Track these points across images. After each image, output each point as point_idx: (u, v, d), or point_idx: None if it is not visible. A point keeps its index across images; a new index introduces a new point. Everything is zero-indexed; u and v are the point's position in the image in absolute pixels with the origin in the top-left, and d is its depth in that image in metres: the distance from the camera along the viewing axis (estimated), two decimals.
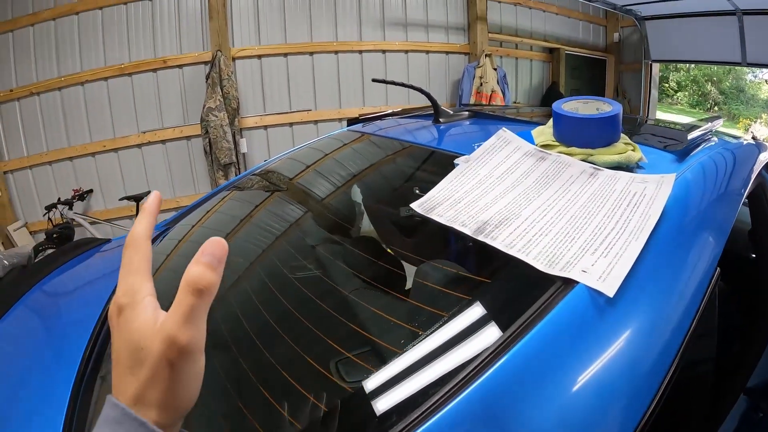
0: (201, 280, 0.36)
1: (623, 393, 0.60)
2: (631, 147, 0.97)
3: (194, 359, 0.37)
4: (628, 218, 0.76)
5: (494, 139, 1.00)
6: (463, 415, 0.55)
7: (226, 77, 3.86)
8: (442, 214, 0.82)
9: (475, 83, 4.86)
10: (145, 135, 3.90)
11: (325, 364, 0.75)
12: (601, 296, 0.64)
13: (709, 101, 14.16)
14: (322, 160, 1.51)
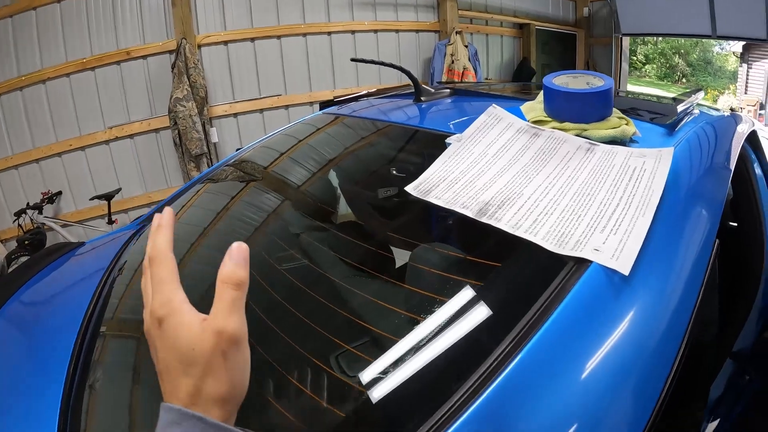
0: (235, 275, 0.41)
1: (645, 370, 0.59)
2: (624, 121, 0.95)
3: (242, 347, 0.41)
4: (632, 193, 0.74)
5: (485, 117, 0.97)
6: (487, 412, 0.52)
7: (192, 66, 3.73)
8: (439, 196, 0.78)
9: (446, 61, 4.85)
10: (112, 130, 3.74)
11: (328, 358, 0.70)
12: (616, 275, 0.62)
13: (676, 73, 14.53)
14: (299, 146, 1.45)
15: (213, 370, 0.39)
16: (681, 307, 0.66)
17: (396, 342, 0.66)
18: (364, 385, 0.63)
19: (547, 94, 0.96)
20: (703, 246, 0.77)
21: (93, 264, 1.24)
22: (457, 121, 1.15)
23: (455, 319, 0.65)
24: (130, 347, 0.93)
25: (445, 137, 0.98)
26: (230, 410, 0.40)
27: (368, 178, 1.26)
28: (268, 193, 1.32)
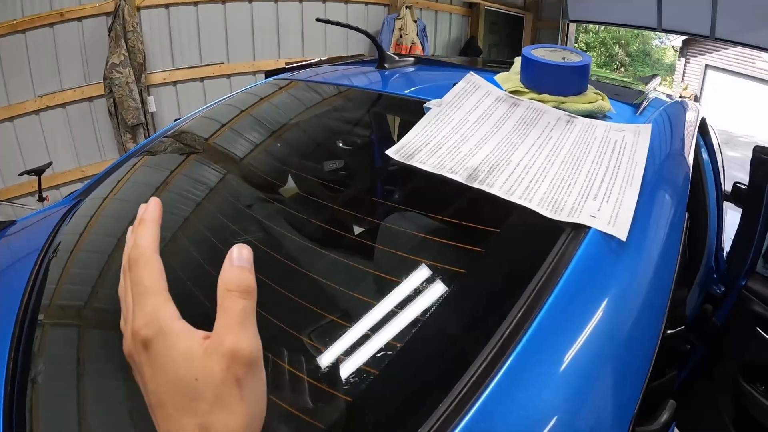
0: (243, 281, 0.33)
1: (642, 333, 0.61)
2: (600, 96, 0.95)
3: (259, 369, 0.33)
4: (617, 165, 0.75)
5: (463, 83, 0.94)
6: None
7: (130, 29, 3.46)
8: (423, 160, 0.75)
9: (394, 35, 4.82)
10: (42, 99, 3.38)
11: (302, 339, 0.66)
12: (613, 240, 0.62)
13: (615, 62, 15.24)
14: (255, 112, 1.36)
15: (225, 402, 0.31)
16: (666, 274, 0.68)
17: (397, 314, 0.62)
18: (358, 370, 0.59)
19: (527, 65, 0.95)
20: (679, 217, 0.79)
21: (26, 245, 1.13)
22: (426, 87, 1.12)
23: (462, 286, 0.63)
24: (76, 336, 0.84)
25: (417, 103, 0.95)
26: None
27: (335, 146, 1.20)
28: (220, 166, 1.22)
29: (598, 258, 0.61)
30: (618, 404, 0.56)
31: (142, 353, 0.33)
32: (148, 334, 0.32)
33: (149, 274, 0.35)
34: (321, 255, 0.83)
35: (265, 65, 4.09)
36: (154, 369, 0.32)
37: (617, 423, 0.56)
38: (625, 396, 0.57)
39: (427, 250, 0.73)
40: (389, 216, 0.83)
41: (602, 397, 0.54)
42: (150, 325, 0.32)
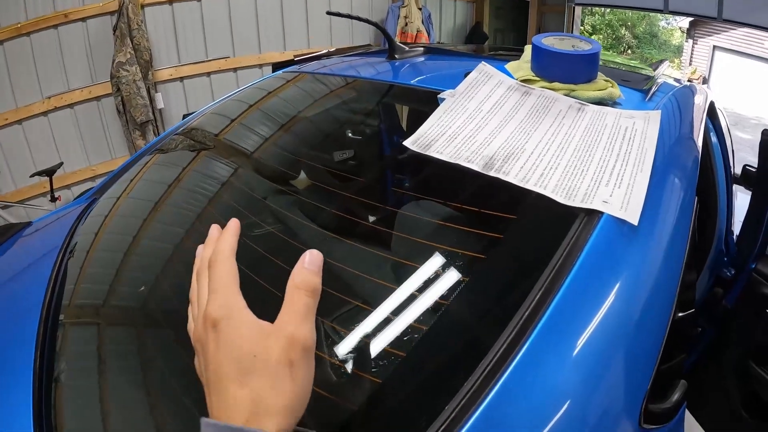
0: (311, 282, 0.40)
1: (654, 315, 0.63)
2: (610, 84, 0.97)
3: (311, 357, 0.38)
4: (627, 151, 0.76)
5: (476, 73, 0.96)
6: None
7: (135, 27, 3.48)
8: (441, 150, 0.77)
9: (399, 23, 4.81)
10: (50, 100, 3.41)
11: None
12: (626, 224, 0.64)
13: (622, 44, 15.08)
14: (267, 106, 1.38)
15: (278, 380, 0.35)
16: (677, 258, 0.70)
17: (420, 299, 0.65)
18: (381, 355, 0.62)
19: (538, 54, 0.96)
20: (689, 201, 0.81)
21: (44, 245, 1.15)
22: (439, 76, 1.14)
23: (481, 272, 0.66)
24: (97, 335, 0.86)
25: (431, 93, 0.97)
26: (292, 422, 0.36)
27: (350, 137, 1.22)
28: (242, 163, 1.24)
29: (611, 242, 0.63)
30: (631, 383, 0.58)
31: (210, 333, 0.38)
32: (220, 315, 0.38)
33: (227, 272, 0.41)
34: (343, 244, 0.85)
35: (270, 58, 4.09)
36: (219, 346, 0.37)
37: (631, 401, 0.58)
38: (638, 375, 0.59)
39: (448, 237, 0.75)
40: (408, 205, 0.86)
41: (616, 376, 0.57)
42: (222, 308, 0.38)
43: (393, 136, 1.20)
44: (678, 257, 0.71)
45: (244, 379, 0.35)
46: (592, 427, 0.53)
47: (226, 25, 4.00)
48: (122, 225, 1.12)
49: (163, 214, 1.10)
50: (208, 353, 0.38)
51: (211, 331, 0.37)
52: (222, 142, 1.27)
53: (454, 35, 5.86)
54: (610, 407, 0.56)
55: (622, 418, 0.57)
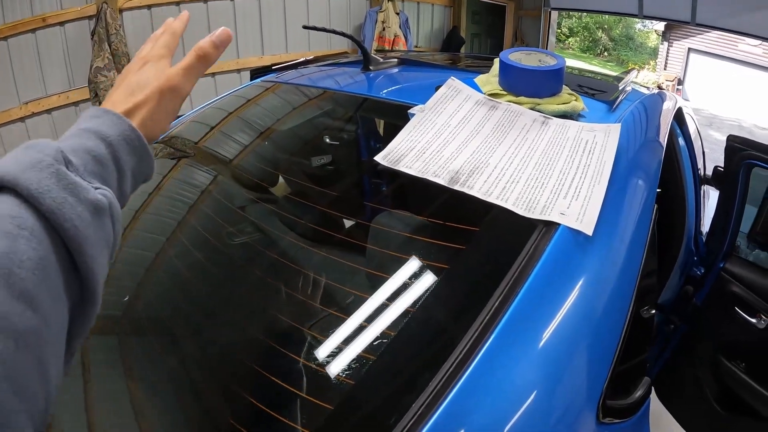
0: (206, 48, 0.51)
1: (609, 317, 0.67)
2: (574, 97, 1.01)
3: (176, 99, 0.49)
4: (587, 164, 0.80)
5: (445, 89, 0.99)
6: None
7: (113, 32, 3.47)
8: (410, 165, 0.80)
9: (377, 28, 4.86)
10: (27, 106, 3.39)
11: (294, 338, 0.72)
12: (581, 235, 0.68)
13: (599, 47, 15.27)
14: (243, 116, 1.40)
15: (148, 101, 0.47)
16: (632, 263, 0.74)
17: (387, 305, 0.69)
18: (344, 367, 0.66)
19: (505, 69, 1.00)
20: (646, 210, 0.85)
21: None
22: (410, 89, 1.17)
23: (446, 279, 0.70)
24: (88, 342, 0.88)
25: (402, 107, 1.00)
26: (149, 134, 0.47)
27: (323, 149, 1.25)
28: (215, 169, 1.26)
29: (567, 252, 0.67)
30: (588, 380, 0.62)
31: (139, 64, 0.50)
32: (153, 55, 0.51)
33: (172, 39, 0.53)
34: (313, 253, 0.89)
35: (248, 63, 4.11)
36: (138, 72, 0.49)
37: (588, 398, 0.62)
38: (594, 373, 0.63)
39: (413, 248, 0.79)
40: (378, 216, 0.89)
41: (573, 375, 0.61)
42: (158, 53, 0.51)
43: (365, 148, 1.23)
44: (634, 262, 0.75)
45: (131, 94, 0.47)
46: (551, 422, 0.57)
47: (204, 31, 3.90)
48: None
49: (143, 222, 1.12)
50: (129, 72, 0.50)
51: (141, 64, 0.50)
52: (202, 150, 1.29)
53: (432, 39, 5.92)
54: (567, 404, 0.60)
55: (580, 414, 0.61)
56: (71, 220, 0.34)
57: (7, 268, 0.30)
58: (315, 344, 0.71)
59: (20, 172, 0.34)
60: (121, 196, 0.43)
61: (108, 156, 0.41)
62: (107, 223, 0.38)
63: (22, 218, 0.33)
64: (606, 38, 15.30)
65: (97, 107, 0.45)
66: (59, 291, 0.34)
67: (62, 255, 0.34)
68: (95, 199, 0.37)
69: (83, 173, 0.38)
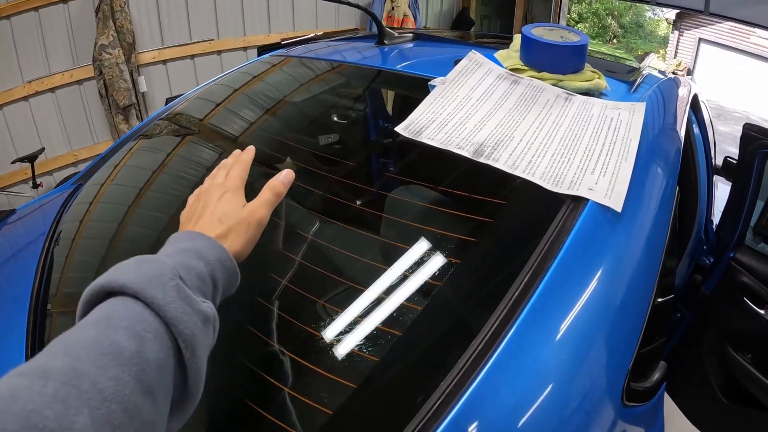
0: (279, 187, 0.59)
1: (635, 298, 0.65)
2: (597, 75, 0.98)
3: (259, 231, 0.56)
4: (612, 141, 0.78)
5: (466, 61, 0.97)
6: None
7: (118, 9, 3.40)
8: (432, 137, 0.78)
9: (386, 7, 4.78)
10: (31, 85, 3.31)
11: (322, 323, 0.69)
12: (610, 211, 0.66)
13: (608, 34, 15.14)
14: (255, 90, 1.36)
15: (240, 229, 0.53)
16: (657, 243, 0.72)
17: (414, 281, 0.67)
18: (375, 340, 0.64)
19: (527, 44, 0.97)
20: (670, 190, 0.83)
21: (30, 233, 1.13)
22: (429, 63, 1.14)
23: (472, 254, 0.68)
24: None
25: (421, 80, 0.98)
26: (233, 260, 0.51)
27: (341, 124, 1.22)
28: (224, 145, 1.23)
29: (596, 228, 0.65)
30: (614, 362, 0.61)
31: (218, 190, 0.57)
32: (230, 185, 0.57)
33: (244, 171, 0.61)
34: (333, 227, 0.86)
35: (255, 41, 4.04)
36: (220, 199, 0.56)
37: (614, 379, 0.60)
38: (621, 355, 0.61)
39: (438, 221, 0.76)
40: (398, 189, 0.87)
41: (600, 356, 0.59)
42: (233, 182, 0.58)
43: (384, 121, 1.20)
44: (659, 244, 0.73)
45: (221, 220, 0.53)
46: (578, 403, 0.55)
47: (210, 7, 3.93)
48: (108, 211, 1.11)
49: (149, 200, 1.09)
50: (209, 199, 0.56)
51: (220, 190, 0.57)
52: (207, 126, 1.26)
53: (441, 20, 5.82)
54: (594, 385, 0.58)
55: (606, 396, 0.60)
56: (190, 328, 0.41)
57: (139, 365, 0.36)
58: (336, 319, 0.68)
59: (144, 283, 0.41)
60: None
61: (207, 274, 0.47)
62: (211, 330, 0.45)
63: (148, 323, 0.39)
64: (616, 25, 15.14)
65: (191, 231, 0.52)
66: (169, 387, 0.39)
67: (176, 356, 0.40)
68: (205, 311, 0.43)
69: (191, 287, 0.44)
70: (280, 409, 0.61)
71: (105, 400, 0.32)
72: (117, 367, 0.35)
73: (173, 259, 0.46)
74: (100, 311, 0.39)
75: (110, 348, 0.36)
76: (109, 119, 3.62)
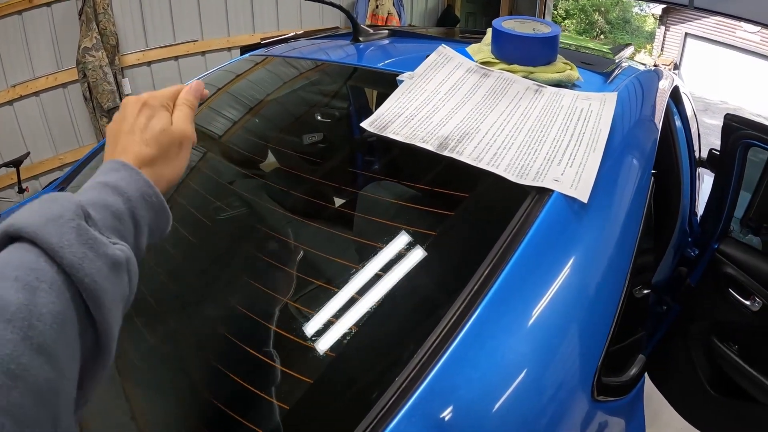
0: (189, 98, 0.54)
1: (604, 288, 0.64)
2: (569, 66, 0.97)
3: (189, 151, 0.52)
4: (582, 132, 0.77)
5: (435, 55, 0.95)
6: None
7: (101, 11, 3.37)
8: (397, 131, 0.77)
9: (370, 6, 4.76)
10: (15, 89, 3.28)
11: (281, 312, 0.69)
12: (576, 202, 0.65)
13: (595, 30, 15.20)
14: (233, 89, 1.36)
15: (170, 154, 0.49)
16: (628, 237, 0.71)
17: (375, 274, 0.66)
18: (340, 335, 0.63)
19: (497, 37, 0.96)
20: (643, 180, 0.82)
21: None
22: (400, 60, 1.13)
23: (432, 247, 0.67)
24: None
25: (390, 75, 0.97)
26: (164, 187, 0.48)
27: (311, 120, 1.21)
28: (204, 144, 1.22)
29: (561, 219, 0.64)
30: (581, 357, 0.59)
31: (142, 107, 0.49)
32: (154, 104, 0.50)
33: (183, 95, 0.54)
34: (303, 224, 0.85)
35: (239, 41, 4.01)
36: (144, 117, 0.49)
37: (581, 375, 0.59)
38: (588, 350, 0.60)
39: (401, 215, 0.76)
40: (365, 185, 0.86)
41: (566, 350, 0.58)
42: (158, 99, 0.51)
43: (353, 117, 1.19)
44: (631, 235, 0.72)
45: (147, 142, 0.47)
46: (541, 398, 0.54)
47: (194, 8, 3.90)
48: None
49: None
50: (134, 118, 0.49)
51: (144, 107, 0.50)
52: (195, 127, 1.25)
53: (426, 18, 5.81)
54: (561, 379, 0.57)
55: (574, 391, 0.58)
56: (91, 275, 0.35)
57: (27, 320, 0.31)
58: (297, 317, 0.68)
59: (41, 226, 0.35)
60: (138, 250, 0.43)
61: (126, 212, 0.42)
62: (124, 277, 0.39)
63: (41, 271, 0.34)
64: (602, 21, 15.21)
65: (115, 161, 0.45)
66: (74, 344, 0.34)
67: (79, 308, 0.35)
68: (113, 254, 0.38)
69: (102, 228, 0.39)
70: (245, 407, 0.61)
71: None
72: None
73: (85, 195, 0.41)
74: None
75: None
76: (94, 122, 3.59)
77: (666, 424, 1.90)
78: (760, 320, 1.45)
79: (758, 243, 1.65)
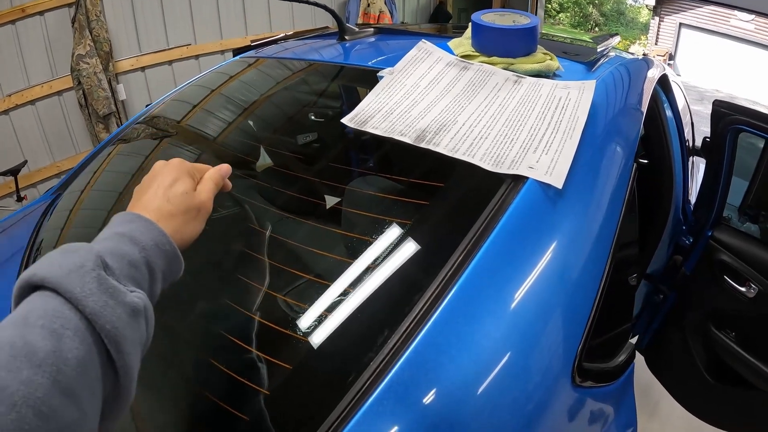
0: (218, 179, 0.57)
1: (582, 272, 0.64)
2: (549, 56, 0.98)
3: (205, 221, 0.54)
4: (559, 120, 0.77)
5: (415, 51, 0.96)
6: None
7: (94, 18, 3.38)
8: (376, 126, 0.78)
9: (362, 4, 4.76)
10: (11, 98, 3.30)
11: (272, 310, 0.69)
12: (551, 188, 0.66)
13: (590, 22, 15.21)
14: (224, 91, 1.36)
15: (189, 215, 0.51)
16: (608, 223, 0.71)
17: (353, 263, 0.67)
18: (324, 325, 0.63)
19: (476, 30, 0.97)
20: (624, 168, 0.82)
21: (10, 245, 1.12)
22: (384, 57, 1.14)
23: (407, 235, 0.67)
24: None
25: (373, 72, 0.98)
26: (178, 243, 0.50)
27: (296, 118, 1.22)
28: (192, 147, 1.24)
29: (536, 205, 0.65)
30: (558, 343, 0.60)
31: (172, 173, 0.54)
32: (180, 169, 0.54)
33: (209, 173, 0.58)
34: (295, 222, 0.86)
35: (232, 43, 4.02)
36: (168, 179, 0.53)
37: (559, 360, 0.60)
38: (565, 336, 0.61)
39: (378, 207, 0.76)
40: (348, 181, 0.86)
41: (541, 337, 0.58)
42: (191, 173, 0.55)
43: (336, 114, 1.20)
44: (611, 221, 0.73)
45: (168, 201, 0.51)
46: (521, 383, 0.55)
47: (186, 12, 3.92)
48: (87, 218, 1.11)
49: (125, 205, 1.08)
50: (162, 178, 0.53)
51: (173, 171, 0.54)
52: (184, 128, 1.26)
53: (418, 15, 5.81)
54: (538, 364, 0.58)
55: (552, 376, 0.59)
56: (112, 322, 0.38)
57: (55, 365, 0.34)
58: (284, 307, 0.69)
59: (64, 276, 0.38)
60: (152, 296, 0.46)
61: (141, 260, 0.44)
62: (142, 323, 0.42)
63: (66, 318, 0.36)
64: (597, 13, 15.22)
65: (130, 212, 0.48)
66: (96, 386, 0.37)
67: (101, 353, 0.38)
68: (132, 302, 0.41)
69: (119, 277, 0.42)
70: (233, 396, 0.62)
71: (14, 405, 0.31)
72: (30, 368, 0.32)
73: (103, 245, 0.43)
74: (21, 309, 0.37)
75: (24, 349, 0.33)
76: (90, 129, 3.60)
77: (666, 414, 1.90)
78: (756, 306, 1.45)
79: (757, 231, 1.65)
